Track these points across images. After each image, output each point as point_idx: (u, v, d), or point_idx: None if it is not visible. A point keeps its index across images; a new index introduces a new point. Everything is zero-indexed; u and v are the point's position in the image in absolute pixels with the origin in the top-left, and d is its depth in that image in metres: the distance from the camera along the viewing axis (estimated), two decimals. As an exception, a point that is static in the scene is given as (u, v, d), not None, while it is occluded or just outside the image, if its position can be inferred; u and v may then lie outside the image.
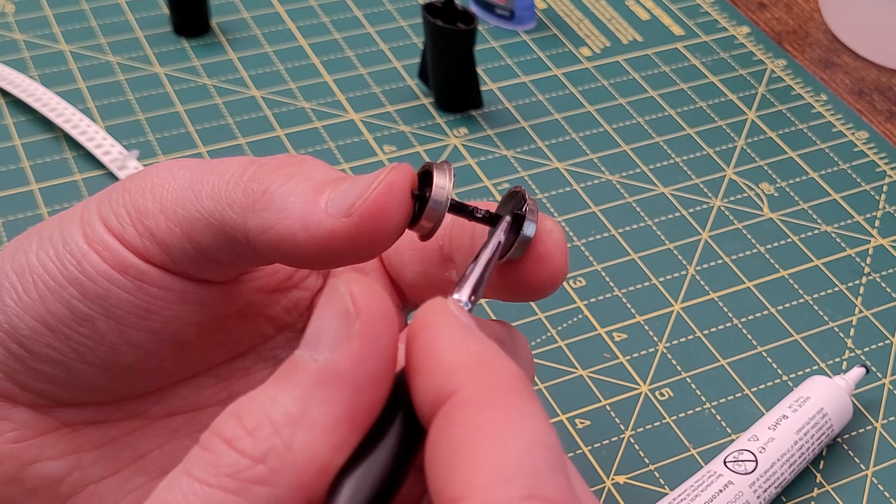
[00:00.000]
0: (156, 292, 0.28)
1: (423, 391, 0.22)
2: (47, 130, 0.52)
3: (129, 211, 0.28)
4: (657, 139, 0.54)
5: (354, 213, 0.26)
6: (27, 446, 0.29)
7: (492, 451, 0.21)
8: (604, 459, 0.40)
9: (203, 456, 0.22)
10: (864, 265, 0.48)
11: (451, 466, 0.21)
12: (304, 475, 0.22)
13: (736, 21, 0.62)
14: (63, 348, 0.28)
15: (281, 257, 0.27)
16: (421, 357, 0.23)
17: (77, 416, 0.30)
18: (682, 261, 0.48)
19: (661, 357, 0.44)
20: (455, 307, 0.24)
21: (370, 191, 0.26)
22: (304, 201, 0.26)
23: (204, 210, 0.27)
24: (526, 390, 0.22)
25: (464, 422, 0.21)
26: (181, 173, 0.28)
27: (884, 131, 0.55)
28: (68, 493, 0.30)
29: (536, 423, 0.21)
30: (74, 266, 0.28)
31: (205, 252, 0.28)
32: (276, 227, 0.26)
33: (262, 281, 0.31)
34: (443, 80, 0.53)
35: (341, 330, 0.23)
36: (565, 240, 0.29)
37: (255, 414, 0.22)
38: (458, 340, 0.23)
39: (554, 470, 0.21)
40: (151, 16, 0.59)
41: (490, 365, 0.22)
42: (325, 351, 0.23)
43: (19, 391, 0.29)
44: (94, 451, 0.30)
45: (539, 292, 0.29)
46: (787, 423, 0.39)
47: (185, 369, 0.31)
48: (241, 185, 0.27)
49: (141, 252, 0.28)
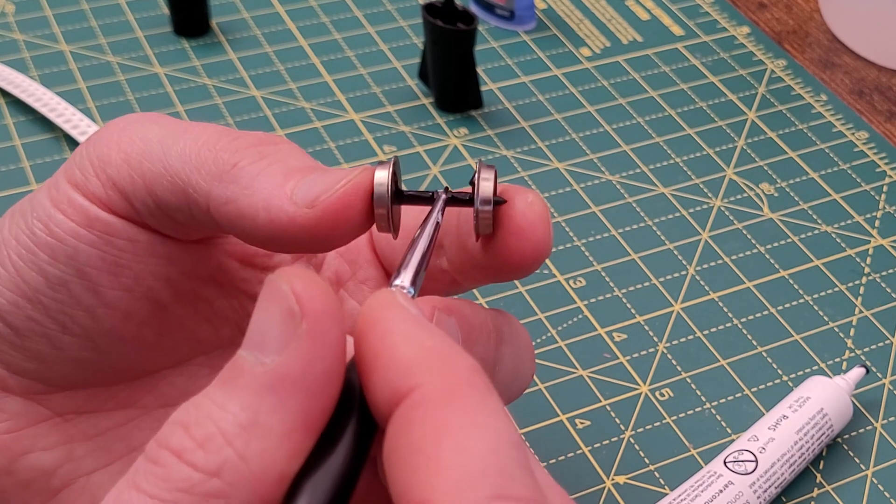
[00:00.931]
0: (122, 244, 0.28)
1: (379, 390, 0.22)
2: (47, 130, 0.52)
3: (92, 162, 0.28)
4: (657, 139, 0.54)
5: (318, 206, 0.26)
6: (19, 437, 0.29)
7: (456, 452, 0.20)
8: (604, 459, 0.40)
9: (152, 469, 0.22)
10: (864, 265, 0.48)
11: (414, 468, 0.20)
12: (262, 485, 0.21)
13: (736, 21, 0.62)
14: (43, 319, 0.28)
15: (238, 233, 0.27)
16: (373, 354, 0.22)
17: (69, 405, 0.30)
18: (682, 261, 0.48)
19: (661, 357, 0.44)
20: (402, 298, 0.23)
21: (337, 188, 0.26)
22: (271, 184, 0.26)
23: (170, 168, 0.27)
24: (484, 385, 0.21)
25: (423, 421, 0.21)
26: (150, 127, 0.29)
27: (884, 131, 0.55)
28: (60, 485, 0.30)
29: (498, 420, 0.21)
30: (42, 230, 0.28)
31: (164, 209, 0.28)
32: (239, 202, 0.26)
33: (233, 247, 0.31)
34: (443, 81, 0.53)
35: (287, 330, 0.22)
36: (548, 212, 0.28)
37: (203, 424, 0.22)
38: (411, 335, 0.22)
39: (520, 468, 0.20)
40: (151, 16, 0.59)
41: (446, 360, 0.22)
42: (272, 353, 0.22)
43: (10, 376, 0.29)
44: (87, 442, 0.30)
45: (522, 266, 0.28)
46: (787, 424, 0.39)
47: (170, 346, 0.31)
48: (212, 153, 0.27)
49: (105, 203, 0.28)
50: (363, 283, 0.32)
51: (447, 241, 0.30)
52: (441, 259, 0.30)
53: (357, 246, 0.32)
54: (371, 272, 0.32)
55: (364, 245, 0.32)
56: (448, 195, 0.28)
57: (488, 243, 0.28)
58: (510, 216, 0.28)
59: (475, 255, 0.29)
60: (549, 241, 0.28)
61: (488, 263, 0.29)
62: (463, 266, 0.30)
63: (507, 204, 0.28)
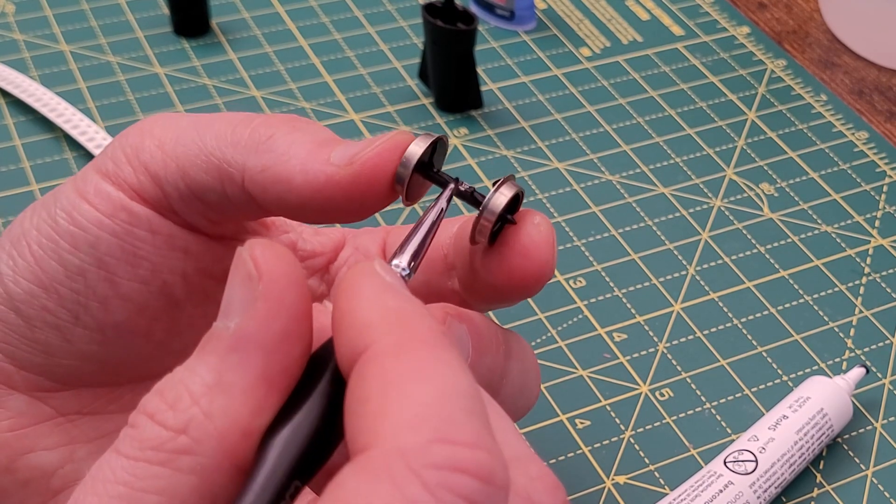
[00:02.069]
0: (143, 235, 0.29)
1: (343, 348, 0.23)
2: (47, 130, 0.52)
3: (125, 151, 0.29)
4: (657, 139, 0.54)
5: (356, 162, 0.27)
6: (21, 435, 0.30)
7: (398, 399, 0.21)
8: (604, 459, 0.40)
9: (129, 433, 0.23)
10: (864, 265, 0.48)
11: (361, 417, 0.21)
12: (227, 440, 0.22)
13: (736, 21, 0.62)
14: (57, 309, 0.29)
15: (273, 200, 0.28)
16: (340, 315, 0.23)
17: (72, 405, 0.30)
18: (682, 261, 0.48)
19: (661, 357, 0.44)
20: (381, 267, 0.24)
21: (375, 145, 0.27)
22: (307, 149, 0.27)
23: (206, 147, 0.28)
24: (439, 341, 0.22)
25: (373, 374, 0.21)
26: (181, 119, 0.29)
27: (884, 131, 0.55)
28: (59, 486, 0.30)
29: (448, 370, 0.21)
30: (66, 219, 0.28)
31: (195, 191, 0.28)
32: (276, 167, 0.27)
33: None
34: (443, 81, 0.53)
35: (246, 294, 0.23)
36: (554, 235, 0.29)
37: (174, 387, 0.23)
38: (376, 297, 0.23)
39: (466, 414, 0.21)
40: (151, 16, 0.59)
41: (404, 319, 0.22)
42: (236, 317, 0.23)
43: (16, 371, 0.29)
44: (88, 443, 0.30)
45: (525, 287, 0.29)
46: (787, 424, 0.39)
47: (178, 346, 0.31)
48: (248, 128, 0.28)
49: (136, 188, 0.28)
50: None
51: (459, 261, 0.31)
52: (452, 280, 0.31)
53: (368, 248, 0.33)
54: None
55: (376, 248, 0.33)
56: (459, 186, 0.28)
57: (494, 262, 0.29)
58: (516, 236, 0.28)
59: (481, 274, 0.29)
60: (552, 262, 0.29)
61: (492, 282, 0.29)
62: (471, 285, 0.30)
63: (512, 223, 0.28)
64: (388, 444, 0.20)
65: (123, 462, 0.23)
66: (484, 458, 0.20)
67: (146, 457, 0.22)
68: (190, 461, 0.22)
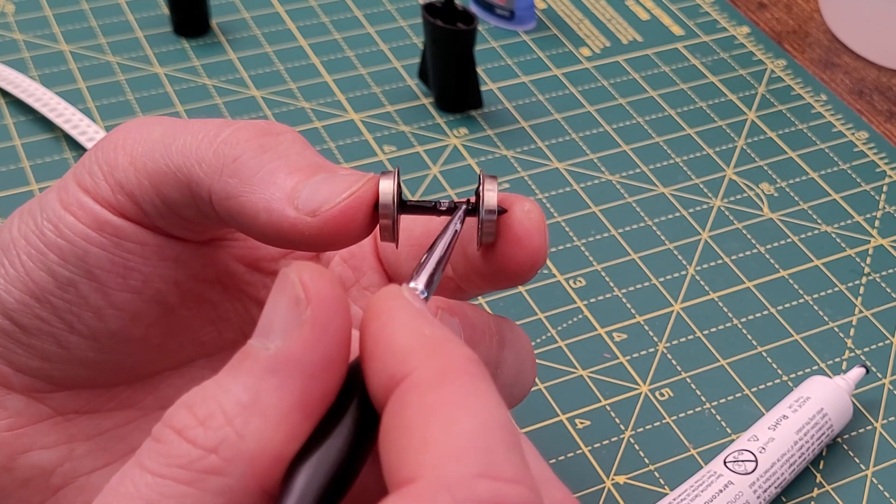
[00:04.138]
0: (132, 247, 0.28)
1: (377, 376, 0.22)
2: (47, 130, 0.52)
3: (100, 166, 0.28)
4: (657, 139, 0.54)
5: (320, 216, 0.26)
6: (20, 434, 0.29)
7: (443, 430, 0.20)
8: (604, 459, 0.40)
9: (155, 447, 0.22)
10: (864, 265, 0.48)
11: (402, 447, 0.21)
12: (258, 464, 0.22)
13: (736, 21, 0.62)
14: (51, 318, 0.28)
15: (239, 227, 0.28)
16: (374, 342, 0.22)
17: (70, 404, 0.30)
18: (682, 261, 0.48)
19: (661, 357, 0.44)
20: (409, 293, 0.24)
21: (340, 199, 0.27)
22: (272, 183, 0.27)
23: (172, 164, 0.28)
24: (479, 372, 0.22)
25: (415, 403, 0.21)
26: (154, 128, 0.29)
27: (884, 131, 0.55)
28: (59, 484, 0.30)
29: (489, 403, 0.21)
30: (52, 231, 0.28)
31: (172, 207, 0.28)
32: (240, 198, 0.27)
33: (241, 251, 0.31)
34: (443, 80, 0.53)
35: (292, 317, 0.22)
36: (544, 221, 0.29)
37: (206, 403, 0.22)
38: (410, 324, 0.22)
39: (507, 449, 0.21)
40: (151, 16, 0.59)
41: (442, 348, 0.22)
42: (277, 339, 0.22)
43: (13, 373, 0.29)
44: (87, 441, 0.30)
45: (518, 275, 0.29)
46: (787, 424, 0.39)
47: (175, 348, 0.31)
48: (213, 146, 0.27)
49: (115, 206, 0.28)
50: (367, 289, 0.33)
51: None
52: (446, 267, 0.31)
53: (361, 252, 0.33)
54: (375, 278, 0.33)
55: (368, 252, 0.33)
56: (468, 207, 0.28)
57: (487, 251, 0.29)
58: (507, 225, 0.28)
59: (476, 263, 0.29)
60: (544, 248, 0.29)
61: (487, 270, 0.29)
62: (465, 273, 0.30)
63: (505, 212, 0.28)
64: (433, 474, 0.20)
65: (148, 479, 0.22)
66: (525, 494, 0.20)
67: (173, 474, 0.22)
68: (218, 482, 0.22)
